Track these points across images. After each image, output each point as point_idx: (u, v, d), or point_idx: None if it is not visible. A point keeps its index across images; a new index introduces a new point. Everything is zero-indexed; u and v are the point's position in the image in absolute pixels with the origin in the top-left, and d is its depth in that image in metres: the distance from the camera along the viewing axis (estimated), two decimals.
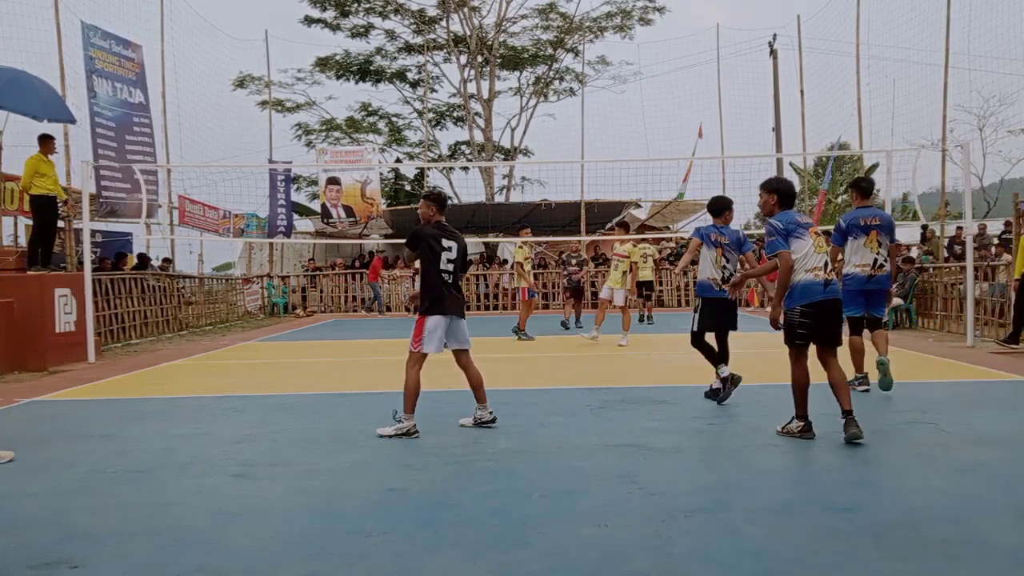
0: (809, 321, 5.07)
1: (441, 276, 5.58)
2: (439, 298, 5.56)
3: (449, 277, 5.61)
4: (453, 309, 5.62)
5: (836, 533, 3.42)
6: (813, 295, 5.08)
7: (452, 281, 5.64)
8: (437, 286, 5.56)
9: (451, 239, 5.65)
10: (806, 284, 5.09)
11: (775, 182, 5.50)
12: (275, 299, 21.52)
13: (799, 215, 5.29)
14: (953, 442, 5.10)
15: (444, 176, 31.45)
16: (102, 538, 3.54)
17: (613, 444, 5.15)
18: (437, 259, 5.57)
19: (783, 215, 5.26)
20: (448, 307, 5.58)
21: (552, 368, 9.33)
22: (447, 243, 5.61)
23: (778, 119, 26.27)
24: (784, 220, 5.20)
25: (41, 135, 10.84)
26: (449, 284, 5.62)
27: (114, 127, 14.31)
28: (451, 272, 5.62)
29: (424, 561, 3.20)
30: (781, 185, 5.46)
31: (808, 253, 5.11)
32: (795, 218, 5.22)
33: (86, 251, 11.42)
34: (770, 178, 5.57)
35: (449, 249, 5.61)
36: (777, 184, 5.47)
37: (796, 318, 5.11)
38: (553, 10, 29.54)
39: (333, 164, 23.18)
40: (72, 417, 6.76)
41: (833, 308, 5.16)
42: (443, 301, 5.56)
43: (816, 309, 5.08)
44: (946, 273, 14.03)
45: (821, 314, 5.09)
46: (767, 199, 5.39)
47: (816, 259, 5.13)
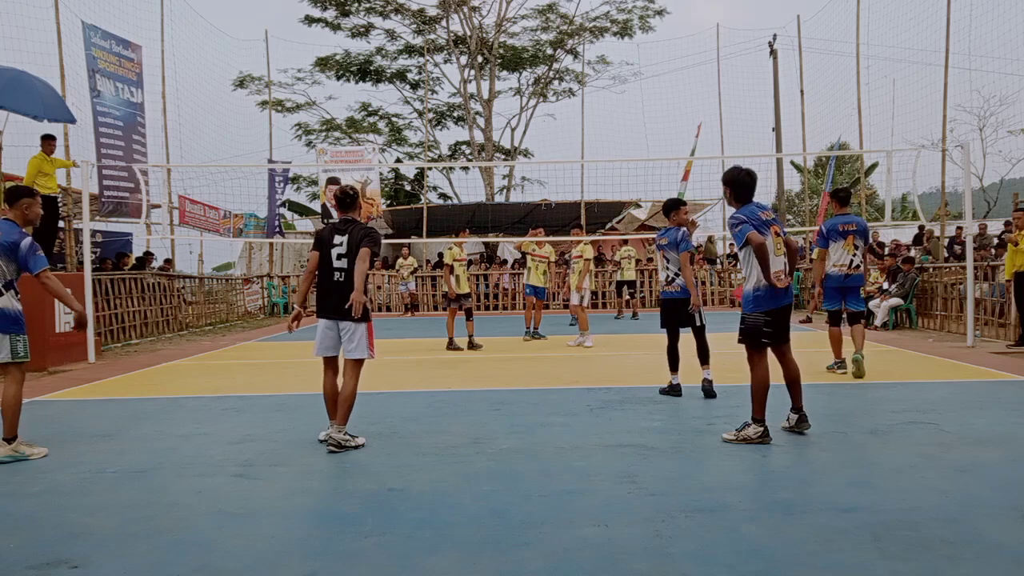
0: (772, 322, 5.10)
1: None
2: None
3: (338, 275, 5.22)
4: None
5: (836, 533, 3.42)
6: (774, 301, 5.08)
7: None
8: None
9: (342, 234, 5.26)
10: (767, 287, 5.06)
11: (729, 172, 5.28)
12: (275, 299, 21.52)
13: (761, 210, 5.17)
14: (953, 442, 5.10)
15: (444, 176, 31.50)
16: (102, 538, 3.55)
17: (613, 444, 5.15)
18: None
19: (745, 209, 5.15)
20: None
21: (552, 368, 9.33)
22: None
23: (778, 119, 26.26)
24: (746, 213, 5.11)
25: (44, 135, 10.86)
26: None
27: (122, 126, 14.32)
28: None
29: (424, 561, 3.20)
30: (734, 176, 5.23)
31: (770, 255, 5.06)
32: (757, 213, 5.13)
33: (86, 251, 11.42)
34: (729, 168, 5.35)
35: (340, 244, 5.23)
36: (729, 175, 5.25)
37: (760, 322, 5.09)
38: (553, 11, 29.55)
39: (333, 164, 23.16)
40: (72, 417, 6.77)
41: (788, 311, 5.21)
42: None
43: (775, 316, 5.11)
44: (946, 273, 14.03)
45: (779, 318, 5.13)
46: (725, 191, 5.31)
47: (776, 262, 5.08)
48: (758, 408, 5.11)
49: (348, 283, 5.16)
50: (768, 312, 5.09)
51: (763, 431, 5.08)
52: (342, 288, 5.17)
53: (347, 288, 5.15)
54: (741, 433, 5.12)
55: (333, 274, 5.21)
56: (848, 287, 7.98)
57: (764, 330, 5.09)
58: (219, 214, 19.29)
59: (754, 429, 5.09)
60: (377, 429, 5.81)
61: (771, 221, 5.16)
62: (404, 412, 6.49)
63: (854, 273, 7.95)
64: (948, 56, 15.55)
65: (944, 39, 15.59)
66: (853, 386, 7.47)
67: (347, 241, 5.20)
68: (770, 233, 5.10)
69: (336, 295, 5.19)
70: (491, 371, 9.22)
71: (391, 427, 5.89)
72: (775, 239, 5.11)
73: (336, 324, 5.23)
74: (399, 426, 5.92)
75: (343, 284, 5.18)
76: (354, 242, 5.19)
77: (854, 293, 8.06)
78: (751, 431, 5.09)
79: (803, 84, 22.19)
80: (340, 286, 5.18)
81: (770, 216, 5.19)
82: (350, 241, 5.20)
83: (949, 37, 15.54)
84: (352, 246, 5.19)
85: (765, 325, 5.08)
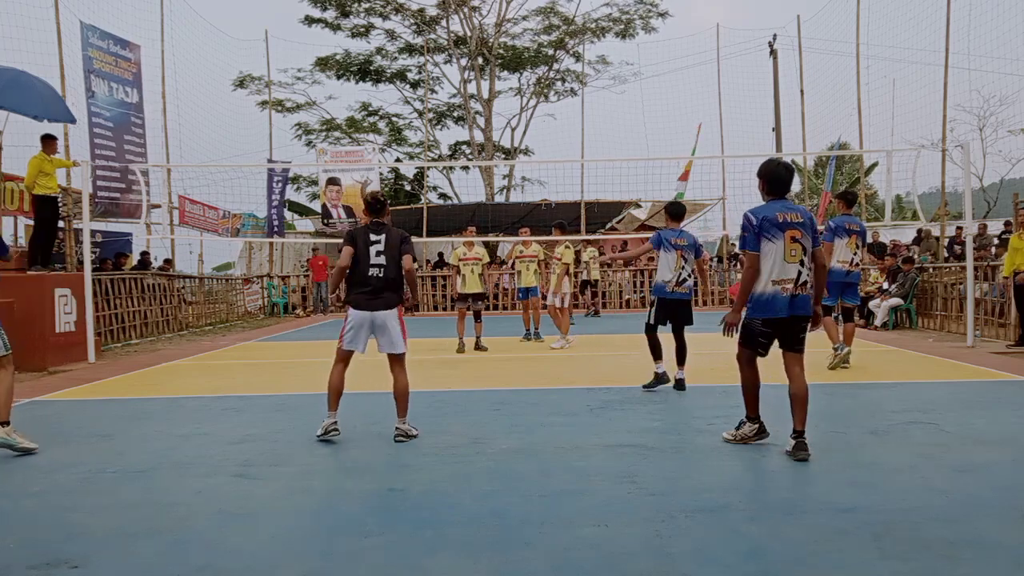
0: (769, 332, 4.78)
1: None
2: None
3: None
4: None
5: (836, 533, 3.42)
6: (775, 310, 4.70)
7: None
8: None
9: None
10: (770, 297, 4.70)
11: (765, 164, 4.97)
12: (275, 299, 21.52)
13: (785, 210, 4.76)
14: (953, 442, 5.10)
15: (444, 176, 31.48)
16: (102, 538, 3.55)
17: (613, 444, 5.15)
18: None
19: (764, 208, 4.80)
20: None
21: (552, 368, 9.33)
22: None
23: (778, 119, 26.26)
24: (760, 215, 4.74)
25: (44, 135, 10.85)
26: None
27: (112, 127, 14.31)
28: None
29: (424, 561, 3.20)
30: (769, 169, 4.91)
31: (776, 260, 4.68)
32: (774, 215, 4.72)
33: (86, 251, 11.42)
34: (767, 160, 5.03)
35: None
36: (765, 168, 4.93)
37: (757, 328, 4.80)
38: (553, 12, 29.54)
39: (333, 164, 23.16)
40: (72, 417, 6.77)
41: (797, 323, 4.76)
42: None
43: (775, 325, 4.76)
44: (946, 273, 14.03)
45: (783, 328, 4.76)
46: (759, 183, 4.95)
47: (785, 269, 4.68)
48: (749, 407, 5.03)
49: (387, 279, 5.40)
50: (766, 322, 4.75)
51: (758, 427, 5.01)
52: (381, 283, 5.39)
53: (385, 284, 5.40)
54: (739, 432, 5.10)
55: (370, 269, 5.39)
56: (848, 283, 8.48)
57: (759, 339, 4.80)
58: (218, 214, 19.29)
59: (749, 427, 5.03)
60: (377, 429, 5.81)
61: (791, 224, 4.72)
62: None
63: (855, 270, 8.51)
64: (948, 56, 15.55)
65: (944, 39, 15.60)
66: (853, 386, 7.47)
67: (385, 240, 5.43)
68: (783, 238, 4.69)
69: (375, 289, 5.39)
70: (491, 371, 9.22)
71: (391, 427, 5.89)
72: (789, 244, 4.69)
73: (370, 318, 5.39)
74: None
75: (382, 279, 5.39)
76: (393, 242, 5.44)
77: (852, 289, 8.62)
78: (746, 429, 5.05)
79: (803, 84, 22.19)
80: (379, 280, 5.39)
81: (795, 219, 4.74)
82: (388, 240, 5.43)
83: (949, 37, 15.54)
84: (390, 245, 5.43)
85: (761, 335, 4.79)
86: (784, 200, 4.88)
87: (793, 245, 4.72)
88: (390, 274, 5.41)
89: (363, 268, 5.39)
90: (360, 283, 5.41)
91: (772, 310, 4.72)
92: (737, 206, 22.53)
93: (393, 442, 5.36)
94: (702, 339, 8.03)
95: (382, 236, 5.43)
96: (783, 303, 4.70)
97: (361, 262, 5.41)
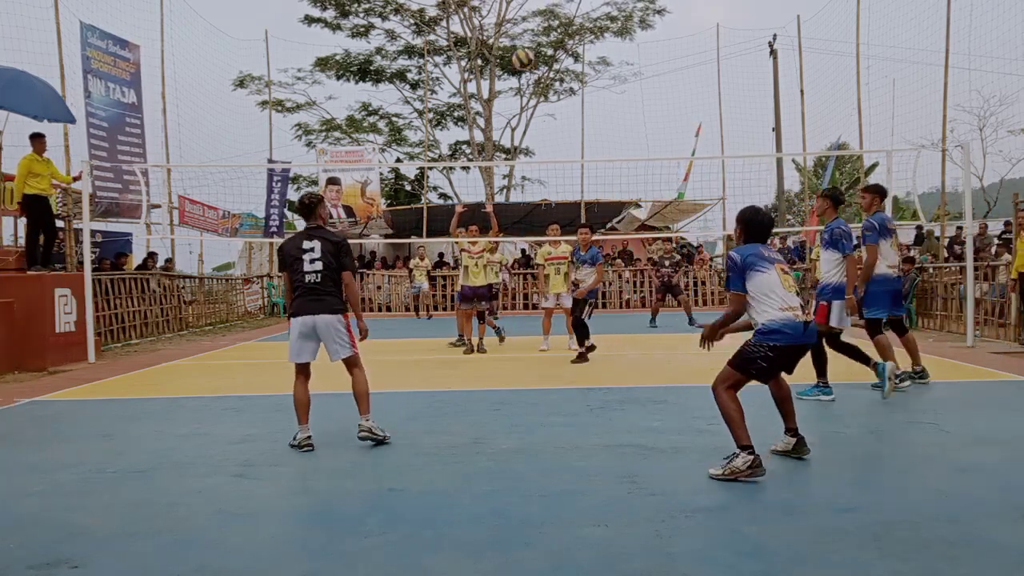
0: (774, 358, 4.44)
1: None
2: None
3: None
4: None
5: (836, 533, 3.42)
6: (791, 337, 4.43)
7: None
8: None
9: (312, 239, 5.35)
10: (784, 323, 4.42)
11: (746, 212, 4.82)
12: (275, 299, 21.52)
13: (766, 248, 4.68)
14: (953, 442, 5.10)
15: (444, 176, 31.49)
16: (102, 538, 3.55)
17: (613, 444, 5.15)
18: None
19: (747, 246, 4.67)
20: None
21: (552, 368, 9.32)
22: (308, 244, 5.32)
23: (778, 119, 26.25)
24: (745, 253, 4.60)
25: (32, 134, 10.79)
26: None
27: (106, 127, 14.31)
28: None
29: (424, 561, 3.20)
30: (749, 216, 4.77)
31: (774, 287, 4.51)
32: (758, 249, 4.63)
33: (86, 251, 11.42)
34: (746, 208, 4.87)
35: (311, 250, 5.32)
36: (747, 215, 4.79)
37: (761, 353, 4.43)
38: (553, 15, 29.54)
39: (333, 164, 23.17)
40: (72, 417, 6.77)
41: (804, 351, 4.63)
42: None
43: (786, 353, 4.48)
44: (946, 273, 14.03)
45: (790, 355, 4.51)
46: (736, 229, 4.85)
47: (790, 297, 4.52)
48: (740, 435, 4.37)
49: (323, 283, 5.25)
50: (776, 348, 4.42)
51: (752, 459, 4.30)
52: (317, 289, 5.25)
53: (323, 290, 5.25)
54: (729, 465, 4.35)
55: (306, 276, 5.26)
56: (897, 290, 7.43)
57: (761, 362, 4.42)
58: (218, 214, 19.29)
59: (743, 459, 4.31)
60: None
61: (777, 259, 4.63)
62: (404, 412, 6.48)
63: (901, 275, 7.69)
64: (948, 56, 15.54)
65: (944, 39, 15.59)
66: (853, 386, 7.46)
67: (320, 247, 5.27)
68: (774, 269, 4.54)
69: (312, 294, 5.26)
70: (491, 371, 9.22)
71: (391, 427, 5.88)
72: (781, 275, 4.55)
73: (313, 323, 5.24)
74: (399, 426, 5.91)
75: (319, 285, 5.25)
76: (327, 248, 5.27)
77: (899, 297, 7.56)
78: (739, 462, 4.31)
79: (803, 84, 22.17)
80: (315, 286, 5.25)
81: (773, 255, 4.65)
82: (323, 247, 5.27)
83: (949, 37, 15.54)
84: (325, 252, 5.26)
85: (763, 359, 4.42)
86: (765, 245, 4.76)
87: (785, 276, 4.57)
88: (328, 280, 5.27)
89: (299, 277, 5.27)
90: (298, 290, 5.30)
91: (787, 336, 4.40)
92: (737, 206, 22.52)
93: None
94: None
95: (315, 243, 5.28)
96: (798, 329, 4.43)
97: (296, 273, 5.29)
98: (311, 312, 5.23)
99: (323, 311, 5.23)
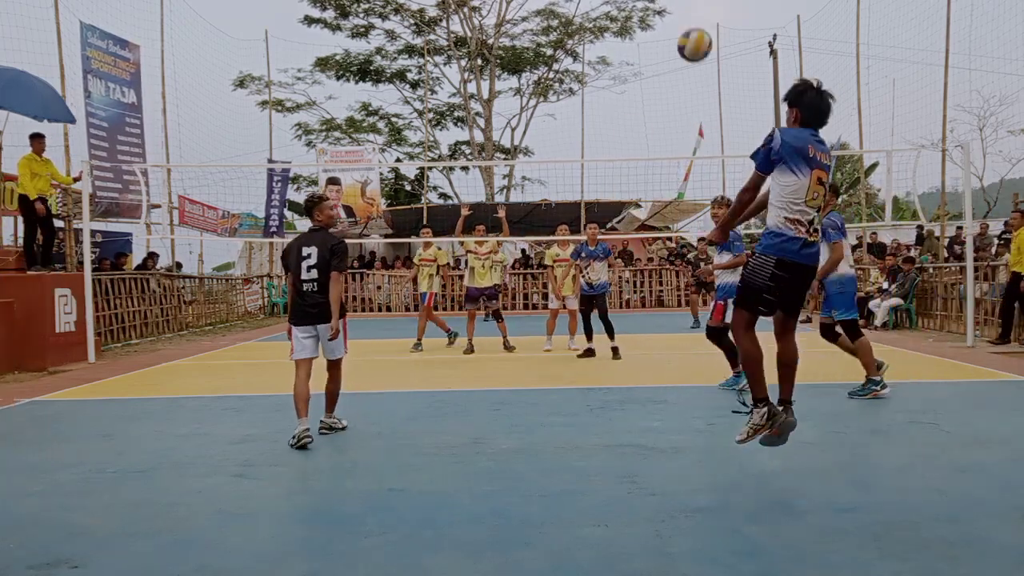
0: (783, 278, 3.99)
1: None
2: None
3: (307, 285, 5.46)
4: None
5: (836, 533, 3.42)
6: (790, 252, 3.97)
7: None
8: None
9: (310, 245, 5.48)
10: (787, 236, 3.97)
11: (799, 89, 4.11)
12: (275, 299, 21.52)
13: (817, 144, 4.00)
14: (953, 442, 5.10)
15: (444, 176, 31.47)
16: (102, 538, 3.55)
17: (613, 444, 5.15)
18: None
19: (797, 131, 4.03)
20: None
21: (552, 368, 9.32)
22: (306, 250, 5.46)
23: (778, 119, 26.23)
24: (788, 139, 3.95)
25: (32, 134, 10.79)
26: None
27: (106, 127, 14.31)
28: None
29: (424, 561, 3.20)
30: (804, 96, 4.06)
31: (797, 194, 3.96)
32: (805, 145, 3.95)
33: (86, 251, 11.42)
34: (799, 82, 4.18)
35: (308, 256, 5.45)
36: (800, 94, 4.08)
37: (765, 275, 3.98)
38: (553, 15, 29.52)
39: (333, 164, 23.14)
40: (72, 417, 6.77)
41: (807, 276, 4.14)
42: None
43: (790, 272, 4.00)
44: (946, 273, 14.03)
45: (794, 278, 4.04)
46: (790, 114, 4.14)
47: (802, 210, 3.97)
48: (756, 386, 4.12)
49: (319, 293, 5.42)
50: (781, 264, 3.96)
51: (767, 410, 4.07)
52: (314, 297, 5.43)
53: (317, 297, 5.42)
54: (750, 424, 4.11)
55: (303, 285, 5.43)
56: (856, 291, 7.06)
57: (766, 292, 3.99)
58: (217, 214, 19.28)
59: (759, 413, 4.07)
60: (377, 429, 5.82)
61: (820, 164, 3.99)
62: (404, 412, 6.49)
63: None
64: (948, 56, 15.54)
65: (944, 39, 15.59)
66: (853, 386, 7.46)
67: (316, 253, 5.41)
68: (810, 175, 3.94)
69: (309, 304, 5.43)
70: (491, 371, 9.22)
71: (391, 427, 5.90)
72: (814, 185, 3.96)
73: (313, 329, 5.46)
74: (399, 426, 5.92)
75: (315, 293, 5.43)
76: (323, 255, 5.40)
77: (857, 298, 7.21)
78: (756, 417, 4.08)
79: None
80: (312, 296, 5.43)
81: (824, 160, 4.02)
82: (320, 253, 5.40)
83: (949, 37, 15.53)
84: (321, 259, 5.39)
85: (770, 282, 3.97)
86: (817, 133, 4.10)
87: (818, 188, 3.98)
88: (323, 287, 5.42)
89: (298, 284, 5.46)
90: (298, 295, 5.48)
91: (787, 250, 3.97)
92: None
93: (392, 443, 5.34)
94: (702, 339, 8.01)
95: (313, 249, 5.42)
96: (797, 245, 3.97)
97: (296, 277, 5.47)
98: (311, 322, 5.45)
99: (320, 321, 5.44)
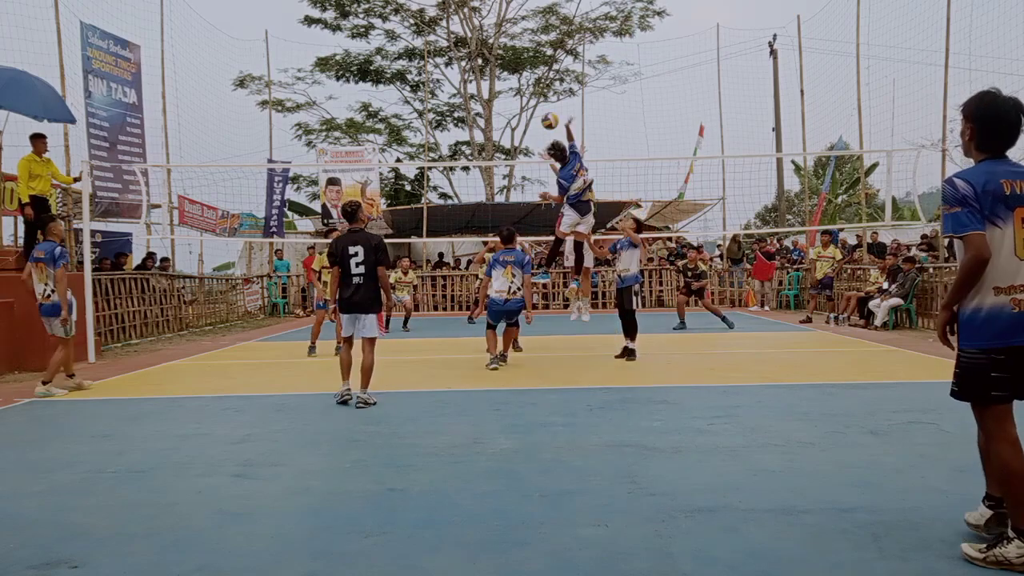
0: (1007, 365, 3.11)
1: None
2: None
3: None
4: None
5: (836, 533, 3.42)
6: (1008, 335, 3.09)
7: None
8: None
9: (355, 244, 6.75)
10: (994, 314, 3.10)
11: (981, 100, 3.16)
12: (275, 299, 21.51)
13: (1013, 177, 3.07)
14: (953, 442, 5.10)
15: (444, 176, 31.48)
16: (102, 538, 3.55)
17: (613, 444, 5.15)
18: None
19: (981, 171, 3.11)
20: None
21: (552, 368, 9.32)
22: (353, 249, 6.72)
23: (778, 119, 26.26)
24: (975, 179, 3.06)
25: (33, 134, 10.78)
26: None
27: (107, 127, 14.32)
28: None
29: (424, 561, 3.20)
30: (989, 108, 3.13)
31: (1003, 255, 3.08)
32: (999, 183, 3.05)
33: (86, 251, 11.42)
34: (983, 93, 3.19)
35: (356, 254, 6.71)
36: (983, 105, 3.15)
37: (984, 363, 3.16)
38: (553, 13, 29.53)
39: (333, 164, 23.14)
40: (72, 417, 6.77)
41: None
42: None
43: (1014, 356, 3.10)
44: (946, 273, 14.03)
45: (1021, 361, 3.10)
46: (963, 128, 3.24)
47: (1018, 269, 3.08)
48: (1016, 510, 3.04)
49: (365, 285, 6.70)
50: (1000, 351, 3.10)
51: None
52: (360, 289, 6.69)
53: (363, 289, 6.69)
54: (995, 551, 3.04)
55: (352, 279, 6.70)
56: None
57: (992, 376, 3.12)
58: (217, 214, 19.28)
59: (1017, 547, 3.00)
60: (377, 429, 5.82)
61: (1018, 200, 3.06)
62: (404, 412, 6.49)
63: None
64: (948, 56, 15.54)
65: (944, 39, 15.59)
66: (853, 386, 7.47)
67: (362, 251, 6.67)
68: (1012, 220, 3.04)
69: (356, 295, 6.70)
70: (491, 371, 9.21)
71: (391, 427, 5.90)
72: (1021, 230, 3.05)
73: (356, 316, 6.74)
74: (399, 426, 5.92)
75: (361, 286, 6.70)
76: (369, 252, 6.66)
77: None
78: (1012, 550, 3.00)
79: (803, 84, 22.16)
80: (359, 287, 6.70)
81: (1018, 191, 3.06)
82: (365, 250, 6.67)
83: (949, 37, 15.53)
84: (367, 255, 6.66)
85: (995, 368, 3.11)
86: (1007, 160, 3.16)
87: (1021, 231, 3.07)
88: (368, 281, 6.70)
89: (347, 279, 6.72)
90: (345, 287, 6.75)
91: (1003, 335, 3.10)
92: (737, 206, 22.57)
93: (395, 437, 5.35)
94: (702, 339, 8.02)
95: (359, 248, 6.66)
96: (1016, 323, 3.09)
97: (345, 272, 6.71)
98: (356, 311, 6.73)
99: (364, 311, 6.72)
